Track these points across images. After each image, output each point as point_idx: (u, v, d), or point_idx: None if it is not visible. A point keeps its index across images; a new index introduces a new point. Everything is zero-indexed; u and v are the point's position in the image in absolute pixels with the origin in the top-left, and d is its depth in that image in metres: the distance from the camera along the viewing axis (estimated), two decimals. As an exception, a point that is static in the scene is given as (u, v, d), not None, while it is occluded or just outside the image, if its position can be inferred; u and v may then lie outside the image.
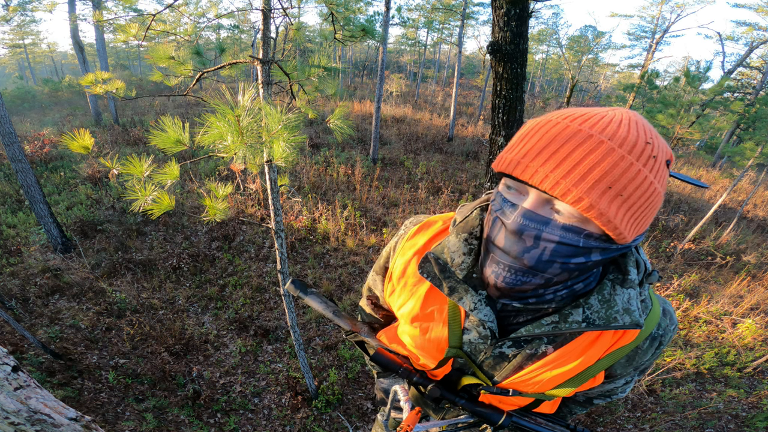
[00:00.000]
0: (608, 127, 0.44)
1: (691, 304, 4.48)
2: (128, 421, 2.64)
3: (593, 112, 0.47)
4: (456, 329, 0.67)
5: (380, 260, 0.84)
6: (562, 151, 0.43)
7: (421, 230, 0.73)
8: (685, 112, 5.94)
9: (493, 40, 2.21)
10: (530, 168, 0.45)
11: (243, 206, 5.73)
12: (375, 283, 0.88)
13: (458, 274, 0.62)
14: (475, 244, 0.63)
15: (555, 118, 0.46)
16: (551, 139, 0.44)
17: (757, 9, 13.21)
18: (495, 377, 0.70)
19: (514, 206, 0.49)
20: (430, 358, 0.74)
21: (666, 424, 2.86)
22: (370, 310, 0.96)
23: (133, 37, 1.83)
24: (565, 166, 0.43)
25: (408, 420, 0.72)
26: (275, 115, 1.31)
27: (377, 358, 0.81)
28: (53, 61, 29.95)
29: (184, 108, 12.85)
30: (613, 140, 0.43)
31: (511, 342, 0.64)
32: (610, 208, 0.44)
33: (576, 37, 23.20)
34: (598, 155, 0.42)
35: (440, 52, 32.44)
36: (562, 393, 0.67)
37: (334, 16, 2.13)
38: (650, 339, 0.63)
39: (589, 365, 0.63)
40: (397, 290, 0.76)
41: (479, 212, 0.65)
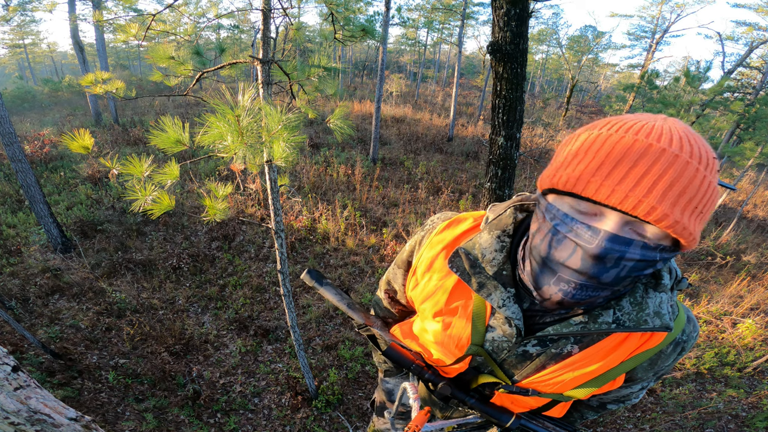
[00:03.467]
0: (674, 139, 0.42)
1: (691, 304, 4.48)
2: (128, 421, 2.64)
3: (646, 122, 0.45)
4: (480, 327, 0.67)
5: (403, 254, 0.84)
6: (638, 168, 0.41)
7: (450, 226, 0.73)
8: (685, 112, 5.94)
9: (493, 40, 2.21)
10: (605, 187, 0.42)
11: (243, 206, 5.73)
12: (395, 277, 0.88)
13: (488, 270, 0.62)
14: (507, 242, 0.63)
15: (615, 131, 0.44)
16: (621, 156, 0.42)
17: (757, 9, 13.21)
18: (515, 376, 0.69)
19: (594, 229, 0.46)
20: (449, 354, 0.74)
21: (666, 424, 2.86)
22: (387, 304, 0.96)
23: (133, 37, 1.83)
24: (645, 184, 0.41)
25: (416, 420, 0.72)
26: (275, 115, 1.31)
27: (390, 353, 0.81)
28: (53, 61, 29.94)
29: (184, 108, 12.85)
30: (684, 152, 0.42)
31: (536, 341, 0.64)
32: (690, 221, 0.43)
33: (576, 37, 23.20)
34: (675, 170, 0.41)
35: (440, 52, 32.45)
36: (580, 394, 0.67)
37: (334, 16, 2.13)
38: (674, 344, 0.63)
39: (612, 367, 0.63)
40: (420, 284, 0.76)
41: (513, 211, 0.65)
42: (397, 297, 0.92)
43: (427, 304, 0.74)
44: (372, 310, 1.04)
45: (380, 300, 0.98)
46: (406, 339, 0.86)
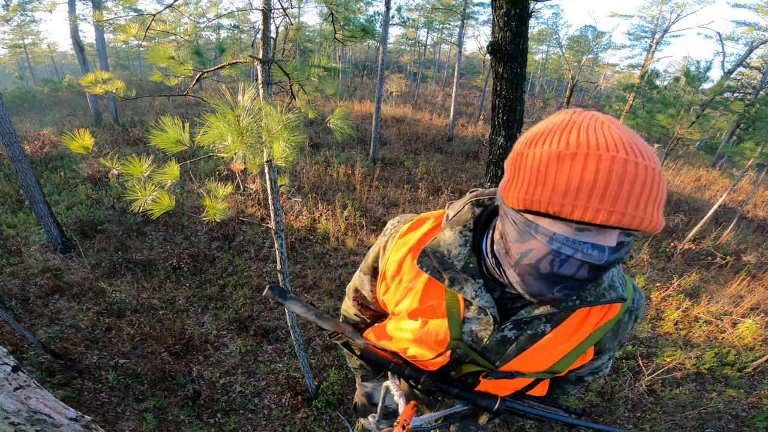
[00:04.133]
0: (639, 150, 0.44)
1: (691, 304, 4.48)
2: (128, 421, 2.64)
3: (607, 133, 0.45)
4: (456, 320, 0.70)
5: (367, 260, 0.85)
6: (626, 188, 0.42)
7: (413, 228, 0.75)
8: (685, 112, 5.94)
9: (493, 40, 2.21)
10: (603, 212, 0.43)
11: (243, 206, 5.73)
12: (363, 284, 0.89)
13: (457, 265, 0.65)
14: (470, 236, 0.67)
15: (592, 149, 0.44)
16: (620, 181, 0.42)
17: (757, 9, 13.21)
18: (497, 362, 0.73)
19: (600, 248, 0.48)
20: (429, 350, 0.76)
21: (666, 424, 2.86)
22: (357, 311, 0.96)
23: (133, 37, 1.83)
24: (637, 202, 0.43)
25: (404, 415, 0.72)
26: (275, 115, 1.31)
27: (366, 354, 0.82)
28: (53, 61, 29.94)
29: (184, 108, 12.85)
30: (650, 161, 0.44)
31: (512, 325, 0.67)
32: (661, 216, 0.47)
33: (576, 37, 23.20)
34: (654, 181, 0.44)
35: (440, 52, 32.45)
36: (560, 369, 0.72)
37: (334, 16, 2.13)
38: (628, 312, 0.70)
39: (582, 340, 0.69)
40: (392, 288, 0.77)
41: (471, 207, 0.69)
42: (366, 303, 0.93)
43: (401, 305, 0.76)
44: (341, 318, 1.05)
45: (349, 308, 0.98)
46: (381, 341, 0.87)
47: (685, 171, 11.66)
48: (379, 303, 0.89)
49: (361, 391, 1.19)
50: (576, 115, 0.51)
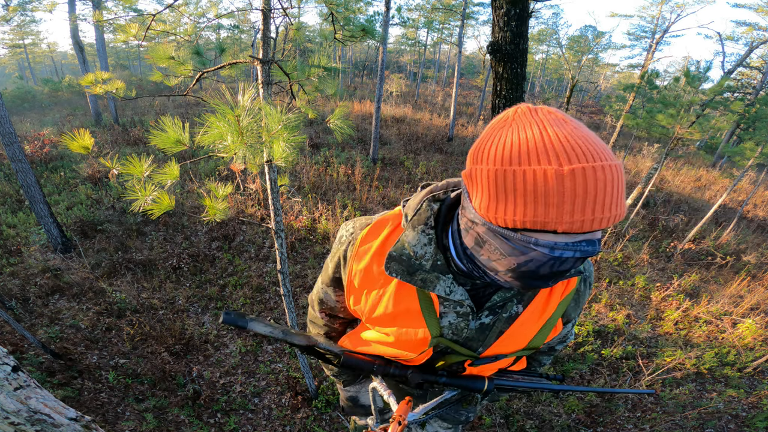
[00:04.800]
0: (603, 151, 0.46)
1: (691, 304, 4.48)
2: (128, 421, 2.64)
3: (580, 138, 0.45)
4: (433, 318, 0.71)
5: (327, 272, 0.83)
6: (607, 194, 0.44)
7: (372, 233, 0.73)
8: (685, 112, 5.94)
9: (493, 40, 2.21)
10: (610, 218, 0.45)
11: (243, 206, 5.73)
12: (327, 296, 0.87)
13: (425, 265, 0.66)
14: (432, 233, 0.66)
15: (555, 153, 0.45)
16: (595, 189, 0.44)
17: (757, 9, 13.20)
18: (479, 349, 0.76)
19: (593, 242, 0.50)
20: (411, 351, 0.77)
21: (666, 424, 2.86)
22: (326, 321, 0.95)
23: (133, 37, 1.83)
24: (614, 203, 0.45)
25: (399, 410, 0.72)
26: (275, 115, 1.31)
27: (348, 361, 0.81)
28: (53, 61, 29.93)
29: (184, 108, 12.86)
30: (611, 157, 0.46)
31: (488, 311, 0.70)
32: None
33: (576, 37, 23.19)
34: (620, 179, 0.46)
35: (440, 52, 32.44)
36: (538, 343, 0.76)
37: (334, 16, 2.13)
38: (583, 281, 0.75)
39: (552, 314, 0.73)
40: (362, 298, 0.76)
41: (429, 204, 0.68)
42: (335, 313, 0.91)
43: (375, 313, 0.75)
44: (308, 330, 1.03)
45: (317, 319, 0.96)
46: (359, 346, 0.86)
47: (685, 171, 11.65)
48: (348, 311, 0.88)
49: (345, 395, 1.19)
50: (531, 115, 0.49)
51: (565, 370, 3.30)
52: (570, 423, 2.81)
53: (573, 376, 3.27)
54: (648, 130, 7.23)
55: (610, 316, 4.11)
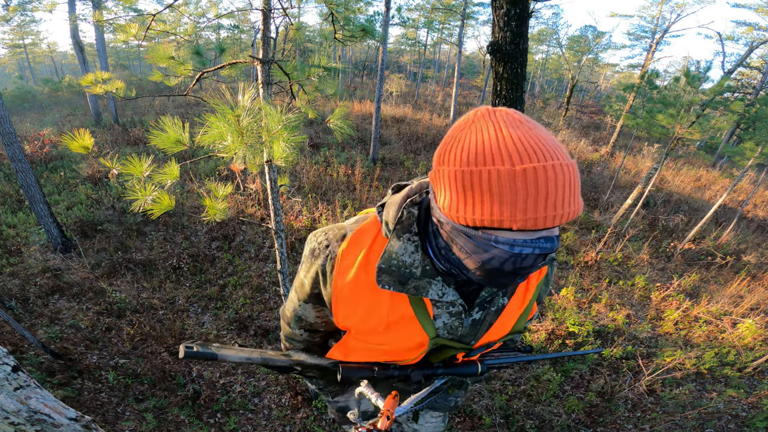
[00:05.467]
0: (555, 146, 0.48)
1: (691, 304, 4.48)
2: (128, 421, 2.64)
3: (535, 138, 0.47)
4: (428, 321, 0.72)
5: (303, 288, 0.80)
6: (561, 192, 0.46)
7: (353, 246, 0.71)
8: (685, 112, 5.94)
9: (493, 40, 2.21)
10: (565, 214, 0.47)
11: (243, 206, 5.73)
12: (306, 313, 0.84)
13: (416, 272, 0.66)
14: (417, 240, 0.67)
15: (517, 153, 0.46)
16: (547, 188, 0.46)
17: (757, 9, 13.20)
18: (472, 342, 0.79)
19: (551, 239, 0.52)
20: (409, 354, 0.79)
21: (666, 424, 2.86)
22: (306, 337, 0.91)
23: (133, 37, 1.83)
24: (571, 199, 0.48)
25: (386, 405, 0.71)
26: (275, 115, 1.31)
27: (348, 372, 0.80)
28: (53, 61, 29.93)
29: (184, 108, 12.86)
30: (564, 156, 0.49)
31: (478, 307, 0.73)
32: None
33: (576, 37, 23.18)
34: (576, 175, 0.49)
35: (440, 52, 32.44)
36: (519, 328, 0.83)
37: (334, 16, 2.13)
38: (549, 263, 0.81)
39: (530, 300, 0.79)
40: (353, 312, 0.74)
41: (409, 210, 0.67)
42: (316, 328, 0.88)
43: (368, 324, 0.74)
44: (284, 346, 0.99)
45: (294, 335, 0.92)
46: (350, 355, 0.85)
47: (685, 171, 11.65)
48: (330, 325, 0.86)
49: (333, 407, 1.17)
50: (489, 117, 0.50)
51: (565, 369, 3.30)
52: (570, 423, 2.81)
53: (573, 376, 3.27)
54: (648, 130, 7.23)
55: (610, 316, 4.11)
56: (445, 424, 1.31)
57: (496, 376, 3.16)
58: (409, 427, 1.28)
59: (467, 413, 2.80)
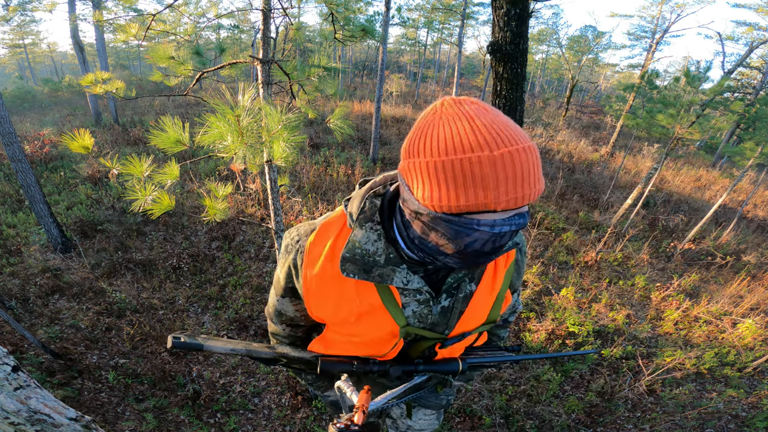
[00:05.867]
0: (518, 134, 0.50)
1: (691, 304, 4.48)
2: (128, 421, 2.64)
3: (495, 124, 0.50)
4: (396, 309, 0.73)
5: (280, 282, 0.83)
6: (531, 172, 0.50)
7: (320, 239, 0.73)
8: (685, 112, 5.94)
9: (493, 40, 2.21)
10: (521, 198, 0.50)
11: (243, 206, 5.73)
12: (285, 307, 0.87)
13: (379, 260, 0.68)
14: (380, 228, 0.68)
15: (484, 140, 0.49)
16: (521, 169, 0.49)
17: (757, 9, 13.20)
18: (445, 331, 0.79)
19: (523, 215, 0.55)
20: (384, 345, 0.80)
21: (666, 424, 2.86)
22: (289, 332, 0.94)
23: (133, 37, 1.83)
24: (535, 180, 0.51)
25: (361, 400, 0.72)
26: (275, 115, 1.31)
27: (327, 366, 0.82)
28: (53, 61, 29.93)
29: (184, 108, 12.86)
30: (527, 139, 0.51)
31: (445, 294, 0.74)
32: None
33: (576, 37, 23.17)
34: (537, 155, 0.52)
35: (440, 52, 32.43)
36: (494, 316, 0.83)
37: (334, 16, 2.13)
38: (519, 251, 0.83)
39: (501, 286, 0.80)
40: (322, 303, 0.76)
41: (371, 201, 0.70)
42: (297, 322, 0.90)
43: (339, 315, 0.76)
44: (272, 342, 1.01)
45: (278, 331, 0.95)
46: (330, 349, 0.86)
47: (685, 171, 11.65)
48: (310, 319, 0.88)
49: (326, 402, 1.18)
50: (458, 108, 0.52)
51: (565, 369, 3.30)
52: (570, 423, 2.81)
53: (573, 376, 3.27)
54: (648, 130, 7.23)
55: (610, 316, 4.11)
56: (439, 422, 1.33)
57: (496, 376, 3.16)
58: (403, 423, 1.30)
59: (467, 413, 2.80)
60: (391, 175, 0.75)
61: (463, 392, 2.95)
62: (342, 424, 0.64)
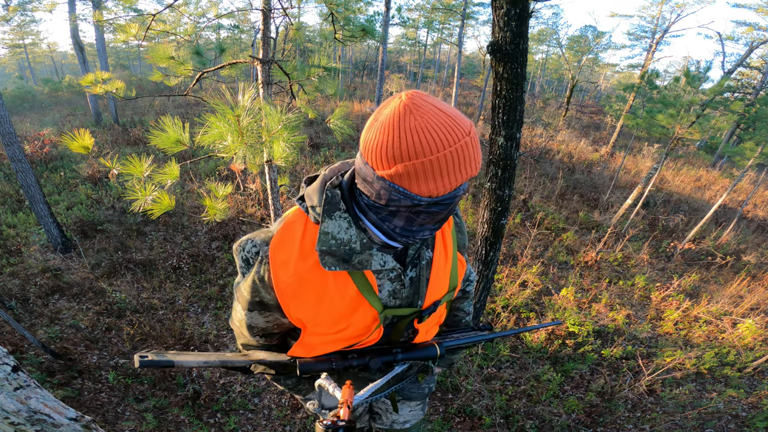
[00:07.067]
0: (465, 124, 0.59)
1: (691, 304, 4.48)
2: (128, 421, 2.64)
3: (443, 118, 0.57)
4: (373, 295, 0.76)
5: (244, 297, 0.81)
6: (478, 154, 0.61)
7: (284, 241, 0.73)
8: (685, 112, 5.94)
9: (493, 40, 2.21)
10: (476, 169, 0.61)
11: (243, 206, 5.73)
12: (256, 321, 0.85)
13: (356, 247, 0.70)
14: (348, 216, 0.71)
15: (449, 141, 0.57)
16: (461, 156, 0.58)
17: (757, 9, 13.20)
18: (419, 302, 0.83)
19: (464, 185, 0.65)
20: (365, 334, 0.82)
21: (666, 424, 2.86)
22: (263, 342, 0.92)
23: (133, 37, 1.84)
24: (476, 159, 0.61)
25: (344, 395, 0.71)
26: (275, 115, 1.31)
27: (306, 366, 0.82)
28: (53, 61, 29.94)
29: (184, 108, 12.86)
30: (471, 127, 0.60)
31: (410, 266, 0.79)
32: None
33: (576, 37, 23.17)
34: (477, 139, 0.61)
35: (440, 52, 32.42)
36: (455, 282, 0.89)
37: (334, 16, 2.13)
38: (455, 215, 0.91)
39: (451, 250, 0.86)
40: (301, 305, 0.75)
41: (332, 191, 0.72)
42: (269, 332, 0.89)
43: (322, 312, 0.76)
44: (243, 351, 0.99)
45: (251, 341, 0.92)
46: (312, 352, 0.86)
47: (685, 171, 11.65)
48: (284, 326, 0.86)
49: (309, 406, 1.18)
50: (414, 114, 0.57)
51: (565, 369, 3.30)
52: (570, 423, 2.81)
53: (573, 376, 3.27)
54: (648, 130, 7.23)
55: (610, 316, 4.11)
56: (424, 412, 1.35)
57: (496, 376, 3.16)
58: (389, 417, 1.31)
59: (467, 413, 2.80)
60: (337, 166, 0.78)
61: (463, 392, 2.95)
62: (329, 420, 0.64)
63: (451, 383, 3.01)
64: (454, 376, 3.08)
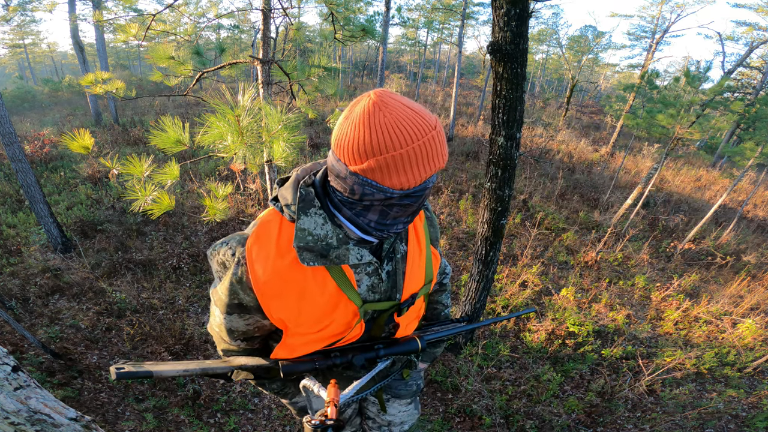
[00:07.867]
0: (430, 119, 0.61)
1: (691, 304, 4.48)
2: (128, 421, 2.64)
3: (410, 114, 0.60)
4: (352, 290, 0.77)
5: (222, 300, 0.80)
6: (444, 147, 0.64)
7: (261, 241, 0.73)
8: (685, 112, 5.94)
9: (493, 40, 2.21)
10: (444, 161, 0.64)
11: (243, 206, 5.73)
12: (236, 324, 0.83)
13: (332, 242, 0.71)
14: (323, 212, 0.72)
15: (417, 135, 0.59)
16: (429, 150, 0.61)
17: (757, 9, 13.20)
18: (397, 295, 0.84)
19: (433, 177, 0.67)
20: (347, 329, 0.82)
21: (666, 424, 2.86)
22: (245, 346, 0.90)
23: (133, 37, 1.84)
24: (443, 153, 0.63)
25: (330, 395, 0.72)
26: (275, 115, 1.31)
27: (289, 367, 0.81)
28: (53, 61, 29.94)
29: (184, 108, 12.86)
30: (436, 122, 0.62)
31: (386, 260, 0.81)
32: None
33: (576, 37, 23.16)
34: (443, 135, 0.64)
35: (440, 52, 32.41)
36: (430, 274, 0.91)
37: (334, 16, 2.13)
38: (426, 209, 0.93)
39: (424, 243, 0.88)
40: (282, 304, 0.75)
41: (304, 188, 0.73)
42: (250, 335, 0.87)
43: (304, 310, 0.76)
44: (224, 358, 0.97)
45: (231, 346, 0.90)
46: (294, 353, 0.85)
47: (685, 171, 11.65)
48: (265, 328, 0.86)
49: (295, 409, 1.17)
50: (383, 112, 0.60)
51: (565, 369, 3.30)
52: (570, 423, 2.81)
53: (573, 376, 3.27)
54: (648, 130, 7.23)
55: (610, 316, 4.11)
56: (418, 411, 1.34)
57: (496, 376, 3.16)
58: (382, 419, 1.29)
59: (467, 413, 2.80)
60: (309, 166, 0.80)
61: (463, 392, 2.95)
62: (317, 420, 0.64)
63: (451, 383, 3.01)
64: (454, 376, 3.08)
